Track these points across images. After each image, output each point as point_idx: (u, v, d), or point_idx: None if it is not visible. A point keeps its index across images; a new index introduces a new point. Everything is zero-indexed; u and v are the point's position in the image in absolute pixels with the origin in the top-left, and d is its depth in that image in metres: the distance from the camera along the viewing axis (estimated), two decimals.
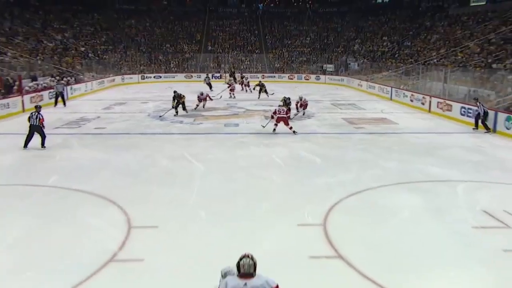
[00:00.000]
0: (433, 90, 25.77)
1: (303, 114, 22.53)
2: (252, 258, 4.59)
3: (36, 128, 14.38)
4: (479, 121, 18.06)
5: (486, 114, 17.80)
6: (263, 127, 17.88)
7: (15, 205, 9.85)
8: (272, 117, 17.53)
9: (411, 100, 26.16)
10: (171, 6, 59.43)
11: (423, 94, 25.19)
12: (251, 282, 4.45)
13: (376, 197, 10.33)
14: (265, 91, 30.41)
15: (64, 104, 25.49)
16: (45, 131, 14.65)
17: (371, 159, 13.84)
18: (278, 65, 48.02)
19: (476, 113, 18.21)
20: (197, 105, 24.72)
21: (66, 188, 10.80)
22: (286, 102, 21.17)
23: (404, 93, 27.69)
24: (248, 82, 35.10)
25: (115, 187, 10.88)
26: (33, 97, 24.13)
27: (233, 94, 30.79)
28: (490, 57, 27.75)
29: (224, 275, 4.64)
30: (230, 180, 11.68)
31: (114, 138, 17.03)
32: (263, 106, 25.31)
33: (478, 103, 18.17)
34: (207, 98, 25.02)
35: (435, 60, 32.93)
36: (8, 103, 21.64)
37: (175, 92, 22.69)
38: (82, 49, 43.37)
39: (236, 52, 50.30)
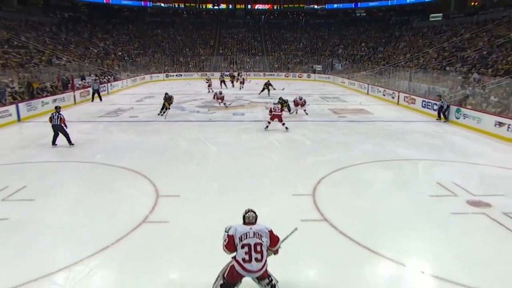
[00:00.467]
0: (401, 87, 25.69)
1: (305, 111, 19.24)
2: (254, 212, 4.78)
3: (58, 127, 12.45)
4: (441, 113, 17.90)
5: (448, 107, 17.68)
6: (267, 127, 15.67)
7: (69, 177, 9.92)
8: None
9: (384, 95, 26.01)
10: (190, 18, 59.17)
11: (393, 90, 25.06)
12: (254, 227, 4.63)
13: (355, 173, 10.31)
14: (268, 90, 27.36)
15: (100, 99, 24.64)
16: (91, 118, 14.38)
17: (352, 142, 13.79)
18: (277, 65, 47.74)
19: (439, 106, 18.05)
20: (219, 102, 21.84)
21: (108, 164, 10.82)
22: (283, 101, 18.24)
23: (378, 89, 27.54)
24: (243, 79, 33.68)
25: (145, 163, 10.88)
26: (82, 92, 24.11)
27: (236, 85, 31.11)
28: (444, 61, 27.99)
29: (227, 230, 4.74)
30: (237, 158, 11.68)
31: (144, 124, 17.00)
32: (264, 99, 25.13)
33: (442, 99, 18.05)
34: (224, 98, 21.94)
35: (402, 63, 32.91)
36: (63, 97, 21.72)
37: (166, 94, 19.39)
38: (119, 53, 43.28)
39: (242, 55, 50.02)
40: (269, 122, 15.45)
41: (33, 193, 8.68)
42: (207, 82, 30.05)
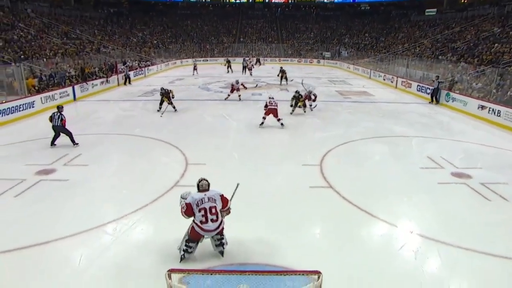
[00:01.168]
0: (399, 72, 24.95)
1: (311, 107, 15.04)
2: (207, 180, 4.89)
3: (59, 128, 9.96)
4: (434, 96, 17.43)
5: (439, 89, 17.23)
6: (262, 123, 12.39)
7: (115, 147, 10.17)
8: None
9: (384, 79, 25.37)
10: (215, 11, 58.28)
11: (392, 75, 24.39)
12: (208, 193, 4.74)
13: (357, 146, 10.25)
14: (285, 78, 23.67)
15: (130, 82, 23.67)
16: (131, 97, 14.30)
17: (355, 120, 13.62)
18: (290, 51, 46.87)
19: (432, 90, 17.54)
20: (228, 95, 17.54)
21: (145, 137, 10.98)
22: (299, 96, 14.33)
23: (379, 74, 26.85)
24: (252, 65, 30.82)
25: (176, 136, 11.01)
26: (123, 75, 24.10)
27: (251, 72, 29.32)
28: (437, 51, 27.19)
29: (184, 196, 4.84)
30: (254, 133, 11.69)
31: (175, 103, 17.00)
32: (278, 81, 24.82)
33: (438, 79, 17.44)
34: (242, 87, 17.73)
35: (400, 51, 31.99)
36: (108, 80, 21.79)
37: (162, 89, 15.00)
38: (155, 42, 43.17)
39: (260, 42, 49.25)
40: (264, 118, 12.08)
41: (86, 160, 8.94)
42: (225, 65, 30.12)
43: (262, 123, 12.17)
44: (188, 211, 4.63)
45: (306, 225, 6.02)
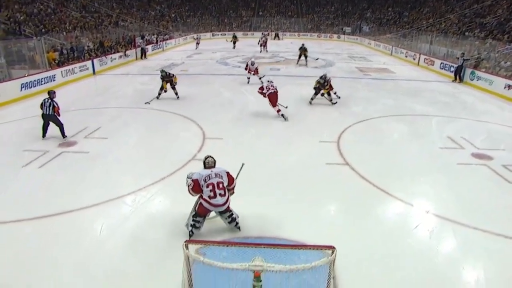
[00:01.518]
0: (422, 49, 24.08)
1: (331, 101, 12.11)
2: (212, 157, 4.95)
3: (50, 117, 8.43)
4: (457, 74, 16.82)
5: (463, 67, 16.60)
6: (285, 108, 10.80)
7: (133, 120, 10.27)
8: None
9: (406, 56, 24.62)
10: None
11: (414, 52, 23.62)
12: (214, 170, 4.80)
13: (376, 124, 10.10)
14: (306, 56, 20.91)
15: (145, 57, 23.67)
16: (149, 72, 14.17)
17: (374, 97, 13.37)
18: (310, 26, 45.77)
19: (456, 67, 16.89)
20: (249, 78, 15.36)
21: (163, 110, 11.09)
22: (324, 82, 11.67)
23: (401, 51, 26.05)
24: (264, 41, 27.97)
25: (194, 110, 11.07)
26: (142, 49, 24.13)
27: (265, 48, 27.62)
28: (464, 26, 25.87)
29: (190, 176, 4.86)
30: (272, 108, 11.63)
31: (194, 77, 17.08)
32: (296, 56, 24.37)
33: (462, 58, 16.70)
34: (257, 71, 15.14)
35: (424, 27, 30.72)
36: (127, 54, 21.82)
37: (162, 71, 12.49)
38: (173, 15, 42.78)
39: (279, 16, 48.22)
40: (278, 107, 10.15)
41: (106, 133, 9.12)
42: (231, 41, 29.83)
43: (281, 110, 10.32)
44: (195, 187, 4.68)
45: (322, 201, 6.04)
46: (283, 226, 5.13)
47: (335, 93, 12.40)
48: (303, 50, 20.90)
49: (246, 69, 15.43)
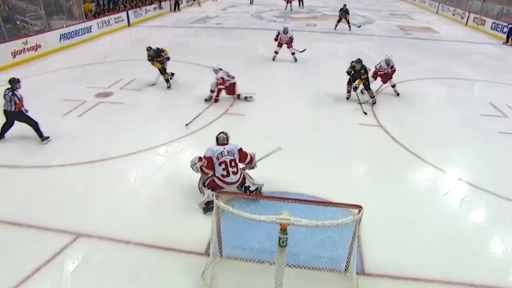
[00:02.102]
0: (473, 7, 22.17)
1: (398, 94, 8.89)
2: (225, 134, 4.75)
3: (13, 115, 6.26)
4: (511, 36, 15.54)
5: None
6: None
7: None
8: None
9: (453, 14, 22.84)
10: None
11: (463, 10, 21.81)
12: (227, 147, 4.63)
13: (413, 86, 9.70)
14: (348, 21, 17.20)
15: (179, 9, 23.26)
16: (184, 24, 13.91)
17: (414, 58, 12.72)
18: None
19: (510, 28, 15.60)
20: (276, 53, 11.79)
21: (197, 64, 11.11)
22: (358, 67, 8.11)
23: (448, 8, 24.17)
24: None
25: (228, 64, 10.84)
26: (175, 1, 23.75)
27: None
28: None
29: (194, 163, 4.72)
30: (307, 64, 11.41)
31: (228, 31, 16.81)
32: (336, 11, 23.30)
33: None
34: (292, 42, 11.55)
35: None
36: (162, 5, 21.66)
37: (148, 49, 9.16)
38: None
39: None
40: (215, 99, 8.25)
41: (140, 85, 9.33)
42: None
43: (214, 99, 8.32)
44: (209, 165, 4.54)
45: (352, 161, 6.03)
46: (310, 184, 5.19)
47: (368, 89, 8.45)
48: (343, 13, 17.01)
49: (276, 39, 11.59)
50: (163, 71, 9.11)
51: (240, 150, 4.72)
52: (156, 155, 6.06)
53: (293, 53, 11.58)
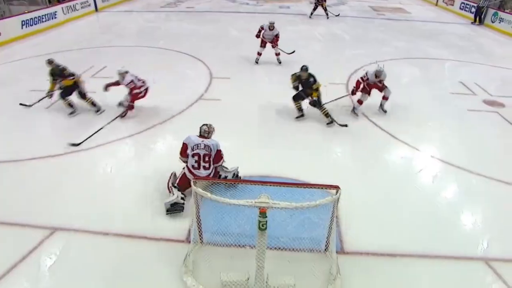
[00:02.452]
0: None
1: (384, 111, 7.07)
2: (209, 127, 4.58)
3: None
4: (478, 16, 15.86)
5: (485, 8, 15.59)
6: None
7: (139, 59, 10.06)
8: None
9: None
10: None
11: None
12: (206, 141, 4.52)
13: (386, 67, 9.74)
14: (324, 8, 15.53)
15: None
16: (154, 8, 13.54)
17: (387, 38, 12.87)
18: None
19: (477, 7, 15.92)
20: (259, 55, 9.86)
21: (170, 49, 10.87)
22: (305, 76, 6.47)
23: None
24: None
25: (201, 49, 10.84)
26: None
27: None
28: None
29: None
30: (282, 47, 11.32)
31: (200, 15, 16.44)
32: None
33: None
34: (278, 40, 9.67)
35: None
36: None
37: (49, 61, 6.85)
38: None
39: None
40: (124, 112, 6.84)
41: (112, 72, 9.00)
42: None
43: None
44: (183, 151, 4.53)
45: (327, 142, 6.12)
46: (288, 167, 5.24)
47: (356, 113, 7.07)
48: (319, 0, 15.52)
49: (258, 35, 9.65)
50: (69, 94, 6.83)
51: (219, 151, 4.58)
52: (129, 144, 5.96)
53: (277, 54, 9.80)
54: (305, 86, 6.52)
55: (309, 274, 3.49)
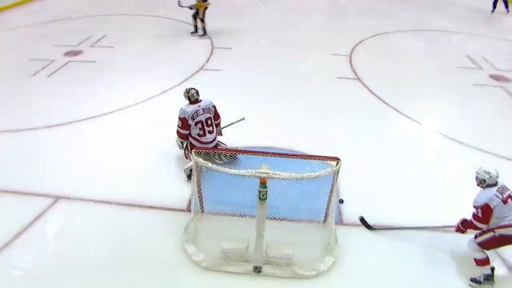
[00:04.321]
0: None
1: None
2: (195, 89, 4.47)
3: None
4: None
5: None
6: None
7: (139, 29, 9.91)
8: None
9: None
10: None
11: None
12: (201, 104, 4.43)
13: (391, 39, 9.63)
14: None
15: None
16: None
17: (393, 10, 12.41)
18: None
19: None
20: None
21: (169, 18, 10.62)
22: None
23: None
24: None
25: (206, 17, 10.59)
26: None
27: None
28: None
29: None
30: (283, 17, 11.08)
31: None
32: None
33: None
34: None
35: None
36: None
37: None
38: None
39: None
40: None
41: (112, 42, 8.93)
42: None
43: None
44: (184, 126, 4.39)
45: (330, 115, 6.09)
46: (289, 138, 5.25)
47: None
48: None
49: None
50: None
51: (215, 108, 4.57)
52: (131, 115, 5.94)
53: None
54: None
55: (307, 244, 3.56)
